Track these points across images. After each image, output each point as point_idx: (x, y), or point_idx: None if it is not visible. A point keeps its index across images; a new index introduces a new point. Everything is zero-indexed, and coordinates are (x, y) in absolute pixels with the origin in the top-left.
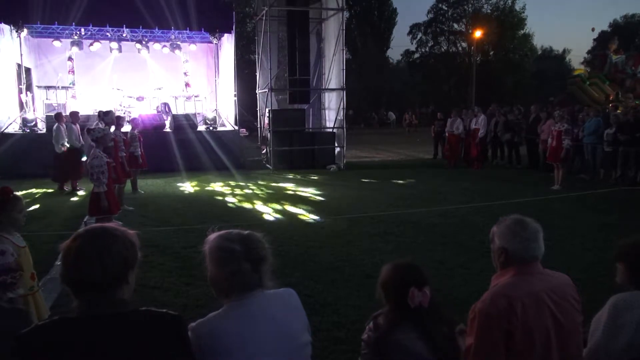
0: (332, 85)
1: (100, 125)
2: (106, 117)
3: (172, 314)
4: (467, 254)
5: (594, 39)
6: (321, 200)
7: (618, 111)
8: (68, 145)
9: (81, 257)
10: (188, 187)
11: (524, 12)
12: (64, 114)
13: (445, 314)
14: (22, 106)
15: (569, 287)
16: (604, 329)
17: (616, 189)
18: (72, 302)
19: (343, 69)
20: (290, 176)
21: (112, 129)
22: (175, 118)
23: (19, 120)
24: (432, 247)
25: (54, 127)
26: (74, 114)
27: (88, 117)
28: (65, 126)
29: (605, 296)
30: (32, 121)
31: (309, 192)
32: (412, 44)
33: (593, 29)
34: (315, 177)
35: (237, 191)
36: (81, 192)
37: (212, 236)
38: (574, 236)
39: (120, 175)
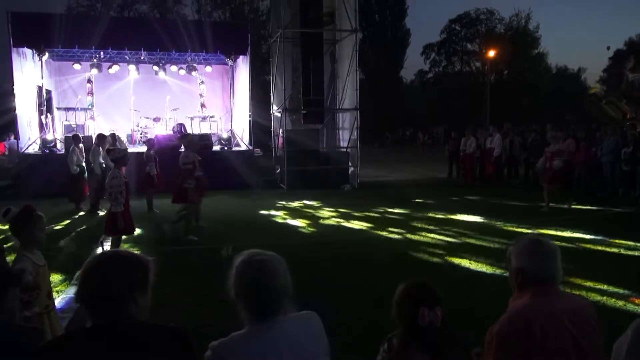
0: (346, 105)
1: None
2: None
3: (177, 327)
4: (483, 275)
5: (610, 58)
6: (335, 220)
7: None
8: (84, 166)
9: (89, 276)
10: (202, 206)
11: (537, 32)
12: (83, 136)
13: (459, 336)
14: (42, 127)
15: (589, 308)
16: (627, 354)
17: (635, 209)
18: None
19: (357, 89)
20: (305, 196)
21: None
22: None
23: (39, 141)
24: (448, 267)
25: (70, 148)
26: (101, 137)
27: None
28: (80, 147)
29: (624, 321)
30: (51, 142)
31: (325, 211)
32: (425, 63)
33: (608, 48)
34: (330, 196)
35: (251, 211)
36: (100, 212)
37: (240, 256)
38: (592, 259)
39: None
